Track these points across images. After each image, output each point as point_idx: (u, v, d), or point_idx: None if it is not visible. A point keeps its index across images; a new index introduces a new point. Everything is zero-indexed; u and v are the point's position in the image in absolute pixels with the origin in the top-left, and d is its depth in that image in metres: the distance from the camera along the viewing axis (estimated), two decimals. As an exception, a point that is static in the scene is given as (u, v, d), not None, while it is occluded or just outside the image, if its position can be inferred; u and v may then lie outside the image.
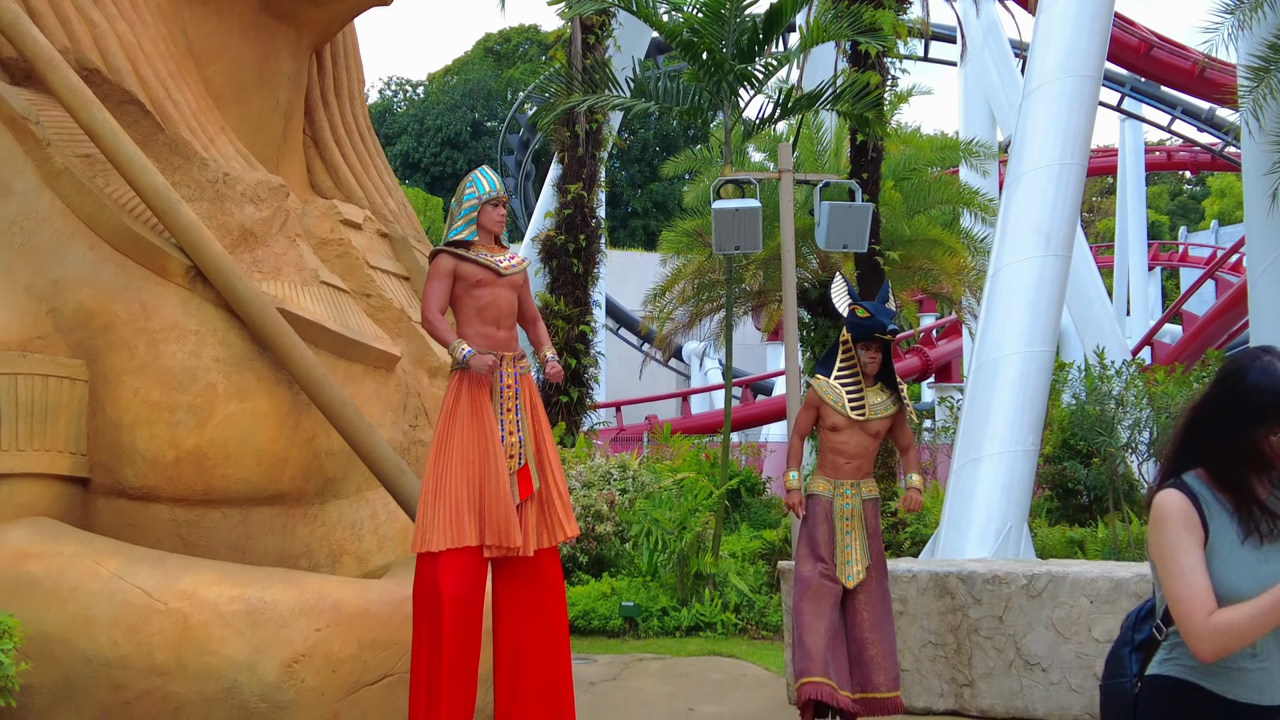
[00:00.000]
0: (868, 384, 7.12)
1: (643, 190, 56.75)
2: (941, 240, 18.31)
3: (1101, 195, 60.04)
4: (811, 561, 6.91)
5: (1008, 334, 11.39)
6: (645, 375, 33.35)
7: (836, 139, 18.84)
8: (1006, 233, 11.95)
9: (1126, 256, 41.40)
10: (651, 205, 56.27)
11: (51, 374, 6.76)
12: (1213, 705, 3.20)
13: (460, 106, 57.08)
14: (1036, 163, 11.81)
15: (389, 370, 8.10)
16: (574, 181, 17.73)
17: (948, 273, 18.65)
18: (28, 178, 7.12)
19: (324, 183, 9.09)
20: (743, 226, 10.96)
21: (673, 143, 56.50)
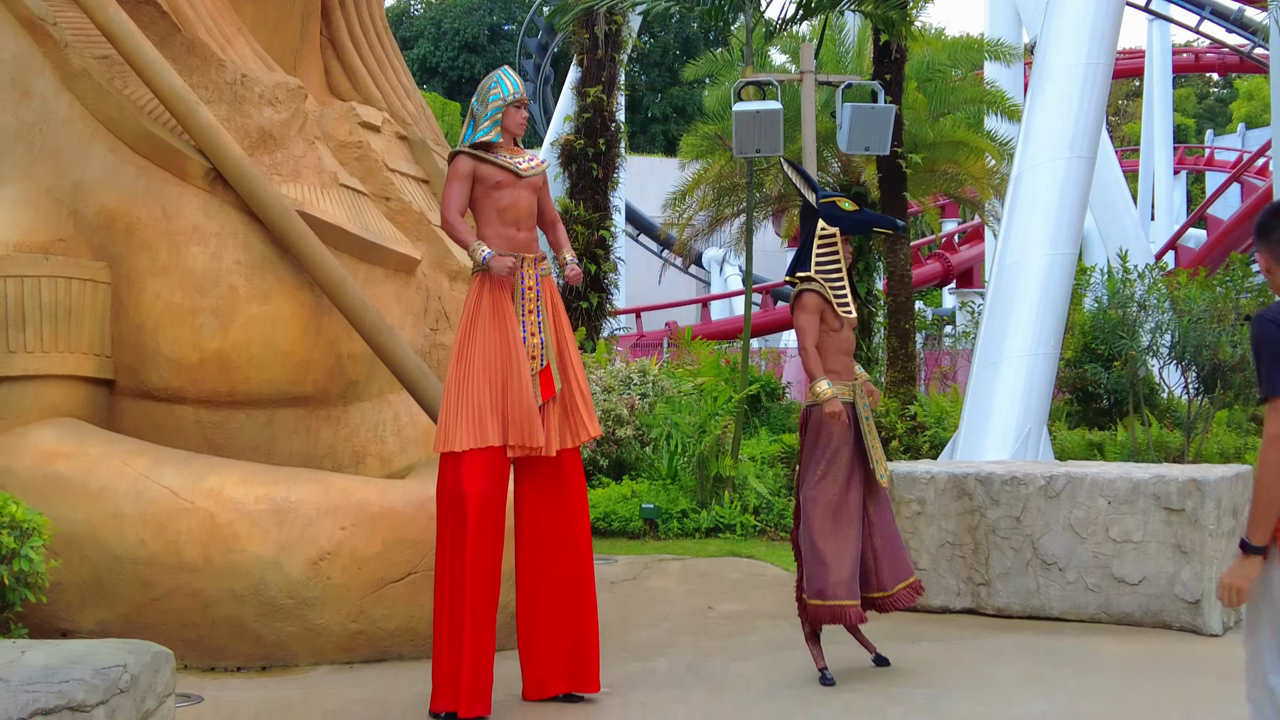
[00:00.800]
0: (848, 279, 6.82)
1: (663, 95, 56.16)
2: (966, 142, 18.09)
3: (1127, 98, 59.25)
4: (834, 481, 6.50)
5: (1030, 237, 11.28)
6: (665, 282, 33.29)
7: (859, 40, 18.57)
8: (1030, 135, 11.80)
9: (1152, 160, 40.94)
10: (672, 110, 55.70)
11: (75, 276, 6.79)
12: None
13: (478, 10, 56.35)
14: (1062, 64, 11.62)
15: (409, 274, 8.11)
16: (593, 84, 17.54)
17: (973, 176, 18.46)
18: (47, 80, 7.10)
19: (342, 85, 9.02)
20: (764, 129, 10.86)
21: (693, 46, 55.75)
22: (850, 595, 6.34)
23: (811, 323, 6.69)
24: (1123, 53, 42.09)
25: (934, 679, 6.33)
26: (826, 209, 6.76)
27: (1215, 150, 49.76)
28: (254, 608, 6.39)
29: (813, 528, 6.43)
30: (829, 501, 6.47)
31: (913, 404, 14.24)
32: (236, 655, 6.47)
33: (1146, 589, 7.57)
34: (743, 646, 7.21)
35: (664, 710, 5.77)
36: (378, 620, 6.55)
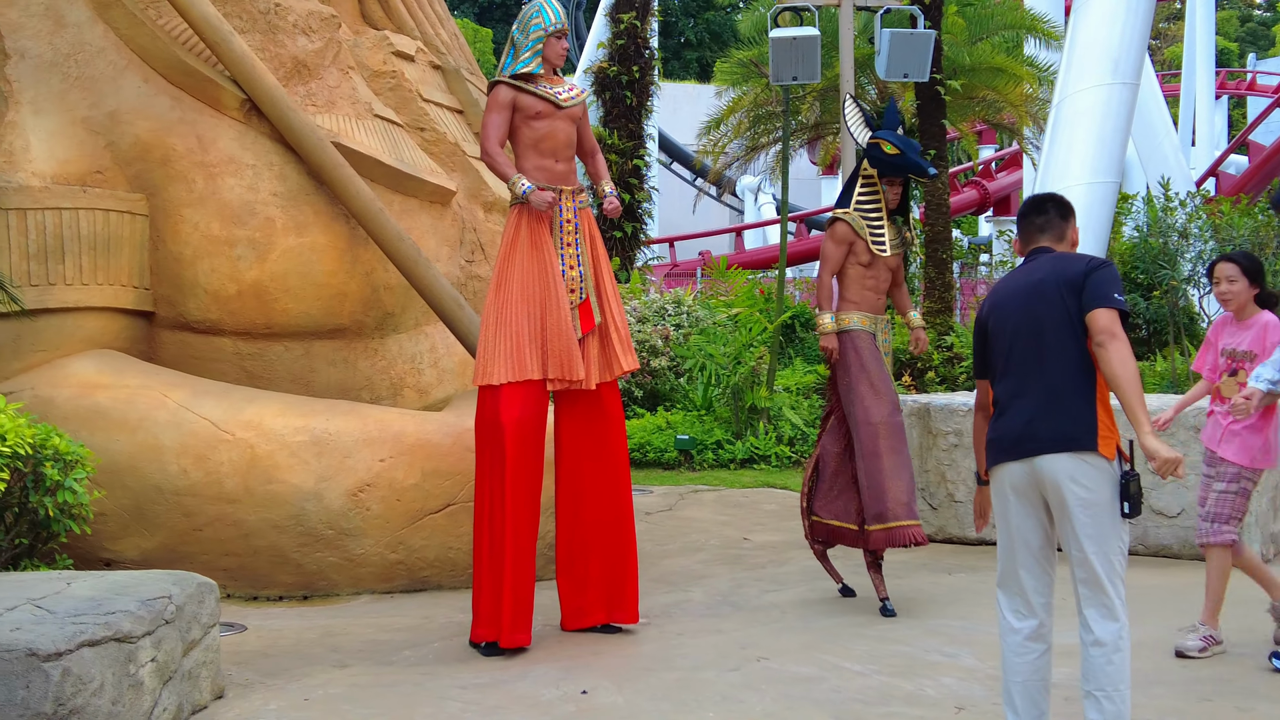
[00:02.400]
0: (888, 218, 6.86)
1: (696, 19, 55.54)
2: (1005, 68, 17.79)
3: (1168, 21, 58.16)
4: (878, 400, 6.50)
5: (1072, 164, 11.14)
6: (699, 210, 33.08)
7: (898, -36, 18.26)
8: (1073, 60, 11.60)
9: (1193, 84, 40.19)
10: (706, 35, 55.10)
11: (112, 208, 6.80)
12: None
13: (509, -67, 55.79)
14: (1105, -13, 11.40)
15: (444, 205, 8.08)
16: (627, 10, 17.35)
17: (1011, 103, 18.19)
18: (80, 9, 7.06)
19: (374, 12, 8.93)
20: (801, 55, 10.72)
21: (727, -31, 55.05)
22: (909, 515, 6.38)
23: (835, 252, 6.79)
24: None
25: (970, 609, 6.34)
26: (869, 149, 6.79)
27: (1258, 75, 48.80)
28: (294, 538, 6.45)
29: (869, 450, 6.48)
30: (879, 423, 6.51)
31: (949, 334, 14.14)
32: (278, 584, 6.55)
33: (1185, 521, 7.53)
34: (777, 577, 7.24)
35: (700, 640, 5.80)
36: (416, 550, 6.60)
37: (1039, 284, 4.23)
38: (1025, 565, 4.23)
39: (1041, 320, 4.19)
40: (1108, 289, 4.08)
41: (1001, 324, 4.34)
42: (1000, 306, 4.36)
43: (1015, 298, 4.32)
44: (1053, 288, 4.17)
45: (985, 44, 18.35)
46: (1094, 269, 4.15)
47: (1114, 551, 4.04)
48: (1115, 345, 3.99)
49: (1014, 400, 4.24)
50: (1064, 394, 4.12)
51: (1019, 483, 4.21)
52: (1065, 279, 4.16)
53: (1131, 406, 3.97)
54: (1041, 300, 4.19)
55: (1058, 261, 4.26)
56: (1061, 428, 4.10)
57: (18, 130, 6.69)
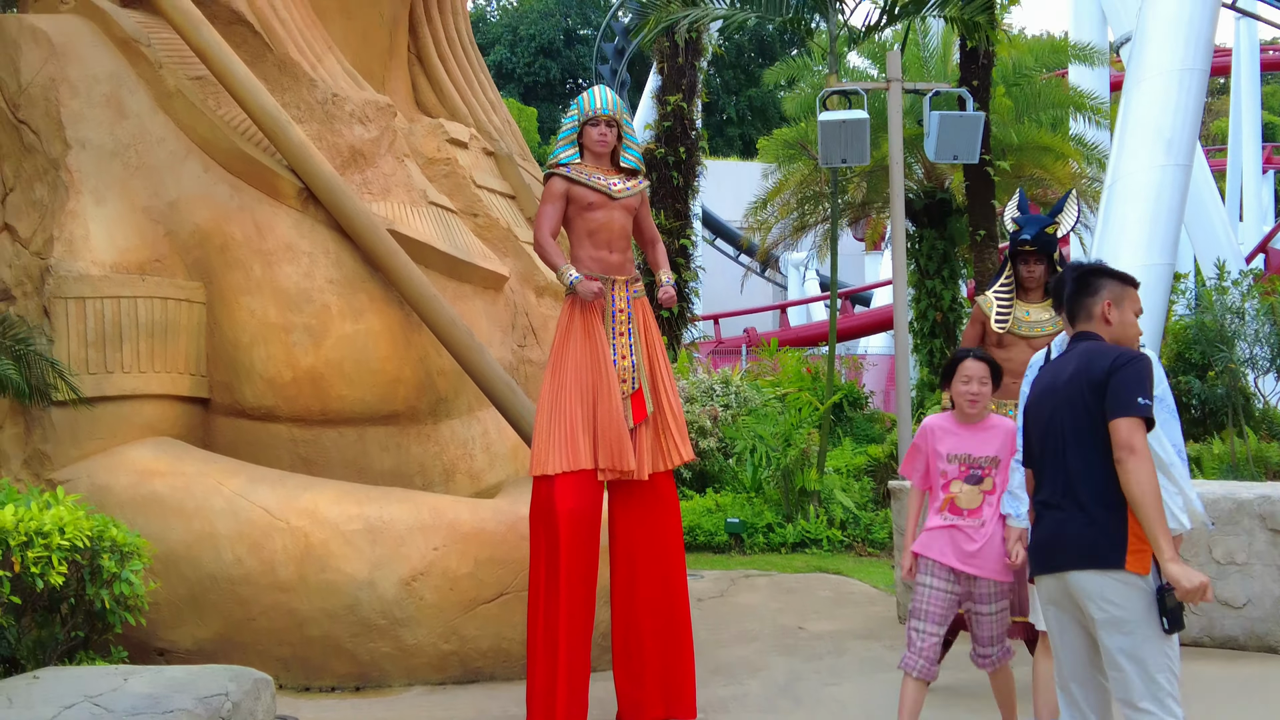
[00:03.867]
0: (1025, 298, 6.93)
1: (739, 96, 55.96)
2: (1052, 147, 17.78)
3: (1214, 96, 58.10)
4: None
5: (1125, 245, 11.05)
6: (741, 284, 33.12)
7: (943, 44, 18.34)
8: (1125, 140, 11.56)
9: (1240, 159, 40.03)
10: (748, 112, 55.52)
11: (170, 296, 6.85)
12: None
13: (553, 14, 56.55)
14: (1157, 68, 11.37)
15: (497, 289, 8.11)
16: (673, 92, 17.48)
17: (1060, 181, 18.14)
18: (141, 99, 7.16)
19: (429, 100, 9.06)
20: (850, 138, 10.74)
21: (769, 47, 55.56)
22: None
23: (970, 331, 7.03)
24: (1209, 50, 41.08)
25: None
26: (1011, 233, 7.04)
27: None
28: (348, 627, 6.39)
29: None
30: None
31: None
32: (331, 674, 6.48)
33: (1251, 612, 7.36)
34: (836, 668, 7.11)
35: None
36: (470, 640, 6.53)
37: (1067, 384, 4.08)
38: (1075, 677, 4.12)
39: (1066, 425, 4.05)
40: (1129, 393, 3.90)
41: (1034, 424, 4.23)
42: (1034, 405, 4.26)
43: (1045, 396, 4.20)
44: (1077, 389, 4.03)
45: (1030, 122, 18.36)
46: (1117, 368, 3.96)
47: (1158, 669, 3.83)
48: (1133, 462, 3.81)
49: (1045, 510, 4.11)
50: (1090, 505, 3.94)
51: (1055, 596, 4.08)
52: (1089, 379, 4.00)
53: (1151, 530, 3.79)
54: (1068, 403, 4.05)
55: (1086, 357, 4.08)
56: (1088, 543, 3.92)
57: (79, 219, 6.76)
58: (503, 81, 53.80)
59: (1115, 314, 4.22)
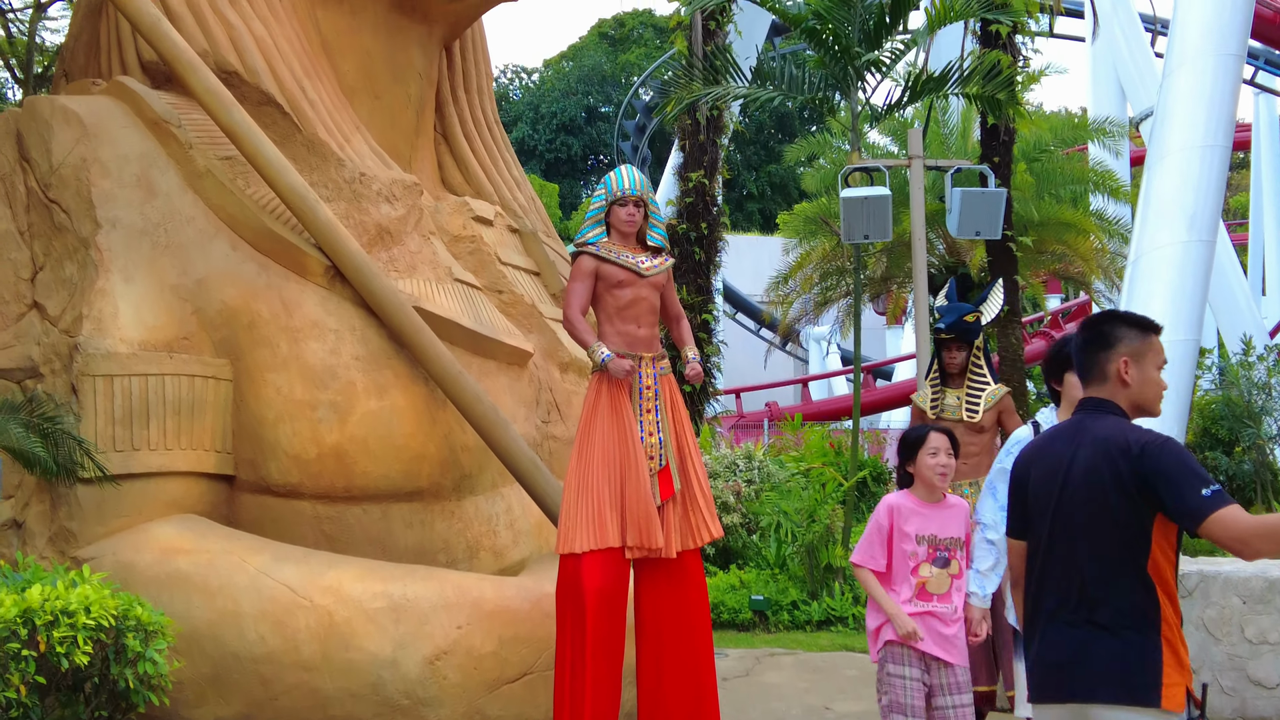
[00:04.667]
0: (950, 384, 7.06)
1: (758, 172, 56.39)
2: (1074, 223, 17.83)
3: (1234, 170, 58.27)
4: None
5: (1151, 323, 11.04)
6: (762, 356, 33.13)
7: (964, 121, 18.46)
8: (1148, 216, 11.60)
9: (1261, 233, 40.08)
10: (768, 187, 55.91)
11: (197, 373, 6.87)
12: None
13: (575, 92, 57.27)
14: (1179, 144, 11.42)
15: (522, 366, 8.12)
16: (695, 169, 17.60)
17: (1081, 256, 18.18)
18: (171, 179, 7.24)
19: (454, 178, 9.14)
20: (872, 215, 10.78)
21: (788, 124, 56.06)
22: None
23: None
24: (1228, 125, 41.25)
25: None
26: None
27: (1326, 223, 48.47)
28: (371, 707, 6.32)
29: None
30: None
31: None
32: (353, 755, 6.40)
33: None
34: (864, 750, 7.01)
35: (789, 821, 5.60)
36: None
37: (1085, 476, 3.55)
38: None
39: (1078, 522, 3.54)
40: (1191, 488, 3.32)
41: (1036, 514, 3.69)
42: (1036, 491, 3.70)
43: (1049, 483, 3.65)
44: (1098, 484, 3.50)
45: (1052, 198, 18.43)
46: (1152, 463, 3.39)
47: None
48: (1253, 546, 3.23)
49: (1052, 619, 3.59)
50: (1118, 627, 3.44)
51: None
52: (1114, 474, 3.46)
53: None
54: (1085, 499, 3.53)
55: (1102, 446, 3.52)
56: (1119, 674, 3.40)
57: (107, 297, 6.81)
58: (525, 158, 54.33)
59: (1134, 372, 3.66)
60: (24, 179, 7.21)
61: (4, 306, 7.02)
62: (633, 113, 46.89)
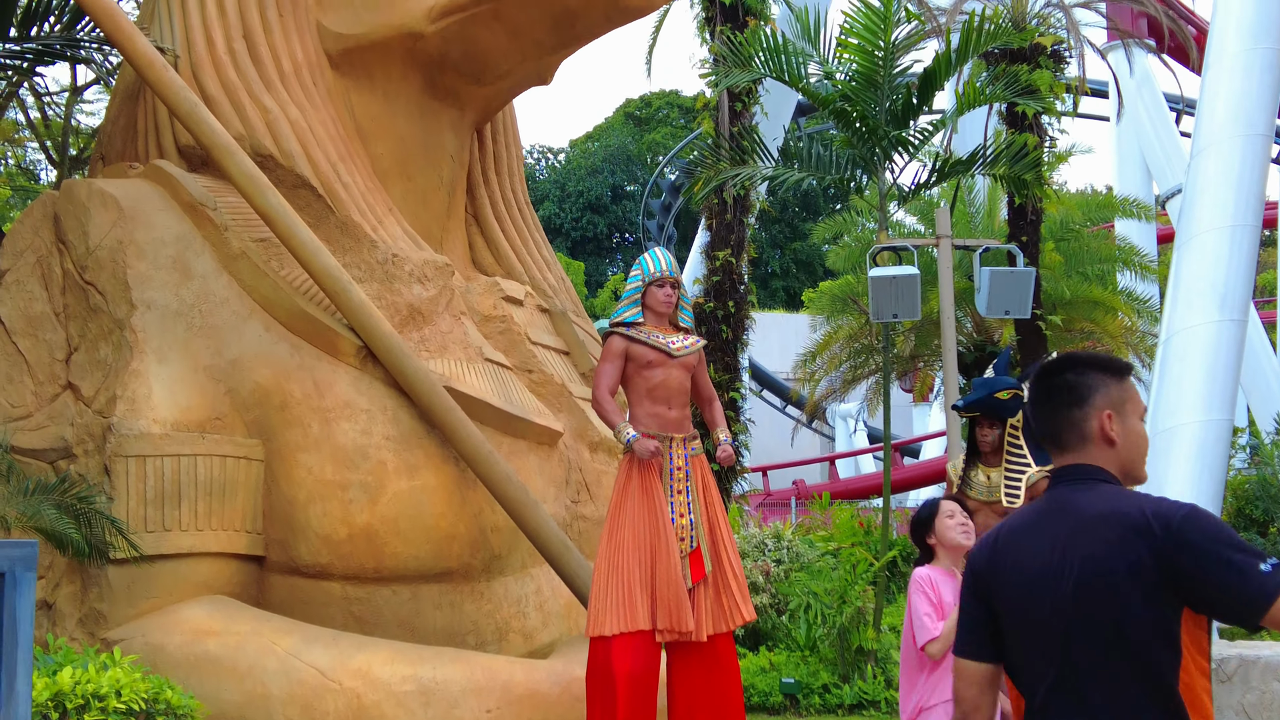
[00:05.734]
0: (985, 462, 6.87)
1: (783, 250, 56.61)
2: (1103, 301, 17.82)
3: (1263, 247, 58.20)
4: None
5: (1183, 402, 10.99)
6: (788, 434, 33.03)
7: (990, 199, 18.54)
8: (1179, 296, 11.59)
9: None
10: (792, 264, 56.09)
11: (229, 454, 6.90)
12: None
13: (601, 171, 57.74)
14: (1209, 224, 11.44)
15: (552, 445, 8.11)
16: (722, 247, 17.66)
17: (1110, 334, 18.14)
18: (206, 261, 7.32)
19: (485, 258, 9.20)
20: (901, 294, 10.79)
21: (813, 201, 56.33)
22: None
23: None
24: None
25: None
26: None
27: (1356, 300, 48.27)
28: (399, 792, 6.26)
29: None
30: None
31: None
32: (381, 842, 6.32)
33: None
34: (900, 839, 6.86)
35: None
36: (523, 807, 6.37)
37: (1083, 565, 2.68)
38: None
39: (1089, 638, 2.67)
40: (1246, 558, 2.54)
41: (1014, 620, 2.82)
42: (1015, 588, 2.82)
43: (1036, 577, 2.77)
44: (1106, 574, 2.64)
45: (1079, 276, 18.42)
46: (1188, 541, 2.57)
47: None
48: None
49: None
50: None
51: None
52: (1131, 560, 2.61)
53: None
54: (1092, 599, 2.65)
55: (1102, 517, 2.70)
56: None
57: (141, 378, 6.86)
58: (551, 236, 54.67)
59: (1118, 427, 2.88)
60: (60, 261, 7.30)
61: (39, 387, 7.07)
62: (658, 192, 47.24)
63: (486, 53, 8.10)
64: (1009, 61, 13.84)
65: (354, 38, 7.97)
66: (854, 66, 11.71)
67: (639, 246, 51.74)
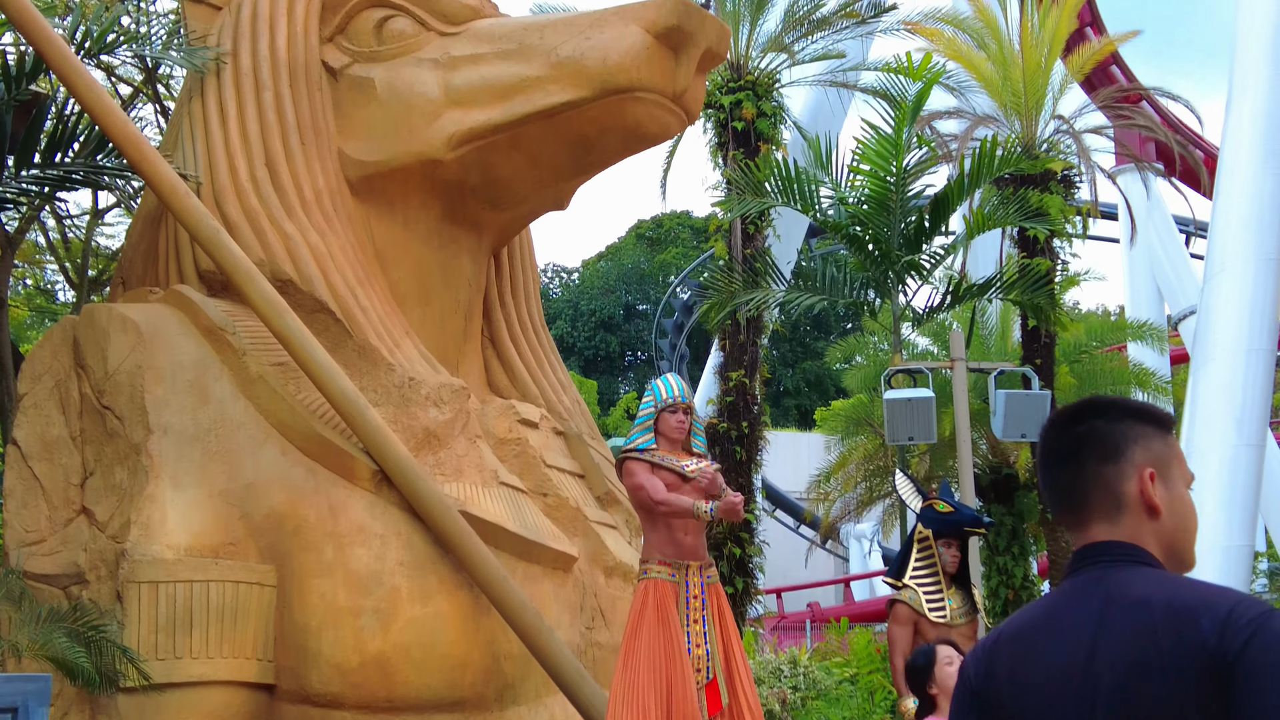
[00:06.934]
0: (946, 584, 6.73)
1: (795, 369, 56.75)
2: (1116, 423, 17.73)
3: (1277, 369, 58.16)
4: None
5: (1203, 527, 10.87)
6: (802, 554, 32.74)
7: (1003, 321, 18.59)
8: (1196, 420, 11.57)
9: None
10: (804, 383, 56.17)
11: (242, 580, 6.85)
12: None
13: (614, 290, 58.21)
14: (1223, 349, 11.46)
15: (567, 570, 8.04)
16: (736, 368, 17.69)
17: (1126, 457, 18.01)
18: (224, 385, 7.34)
19: (501, 381, 9.21)
20: (916, 416, 10.78)
21: (824, 320, 56.61)
22: None
23: (902, 635, 6.67)
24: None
25: None
26: (923, 511, 6.75)
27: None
28: None
29: None
30: None
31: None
32: None
33: None
34: None
35: None
36: None
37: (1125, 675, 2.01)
38: None
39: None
40: None
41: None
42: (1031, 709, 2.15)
43: (1058, 692, 2.11)
44: (1155, 688, 1.97)
45: (1094, 397, 18.35)
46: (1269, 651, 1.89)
47: None
48: None
49: None
50: None
51: None
52: (1186, 670, 1.95)
53: None
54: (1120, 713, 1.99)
55: (1149, 609, 2.04)
56: None
57: (156, 503, 6.84)
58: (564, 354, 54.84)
59: (1162, 491, 2.22)
60: (79, 385, 7.33)
61: (53, 512, 7.06)
62: (671, 311, 47.53)
63: (505, 179, 8.21)
64: (1020, 186, 13.96)
65: (375, 165, 8.08)
66: (866, 191, 11.86)
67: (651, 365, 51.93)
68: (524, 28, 8.04)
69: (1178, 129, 23.17)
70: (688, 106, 7.77)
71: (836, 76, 16.57)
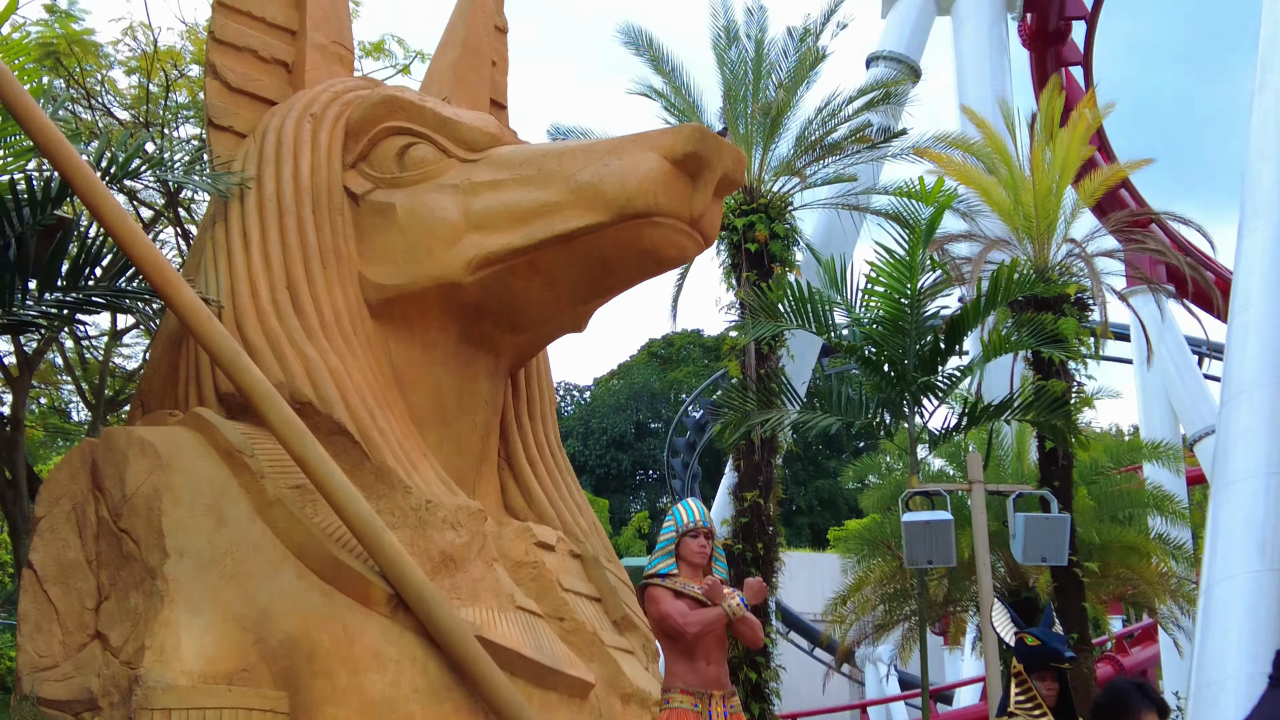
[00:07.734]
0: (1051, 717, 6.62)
1: (806, 487, 56.49)
2: (1137, 546, 17.60)
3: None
4: None
5: (1228, 654, 10.72)
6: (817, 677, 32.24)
7: (1019, 442, 18.53)
8: (1218, 545, 11.45)
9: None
10: (817, 501, 55.87)
11: (255, 707, 6.74)
12: None
13: (625, 408, 58.26)
14: (1244, 473, 11.39)
15: (583, 697, 7.91)
16: (750, 489, 17.65)
17: (1145, 580, 17.84)
18: (241, 507, 7.31)
19: (517, 502, 9.17)
20: (935, 539, 10.69)
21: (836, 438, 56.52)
22: None
23: None
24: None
25: None
26: (1015, 646, 6.66)
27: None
28: None
29: None
30: None
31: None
32: None
33: None
34: None
35: None
36: None
37: None
38: None
39: None
40: None
41: None
42: None
43: None
44: None
45: (1111, 521, 18.24)
46: None
47: None
48: None
49: None
50: None
51: None
52: None
53: None
54: None
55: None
56: None
57: (171, 628, 6.78)
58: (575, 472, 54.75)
59: None
60: (96, 508, 7.31)
61: (67, 636, 7.00)
62: (683, 429, 47.48)
63: (523, 302, 8.26)
64: (1034, 309, 14.02)
65: (394, 288, 8.14)
66: (880, 312, 11.91)
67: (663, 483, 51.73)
68: (543, 154, 8.16)
69: (1188, 251, 23.32)
70: (705, 231, 7.84)
71: (848, 199, 16.81)
